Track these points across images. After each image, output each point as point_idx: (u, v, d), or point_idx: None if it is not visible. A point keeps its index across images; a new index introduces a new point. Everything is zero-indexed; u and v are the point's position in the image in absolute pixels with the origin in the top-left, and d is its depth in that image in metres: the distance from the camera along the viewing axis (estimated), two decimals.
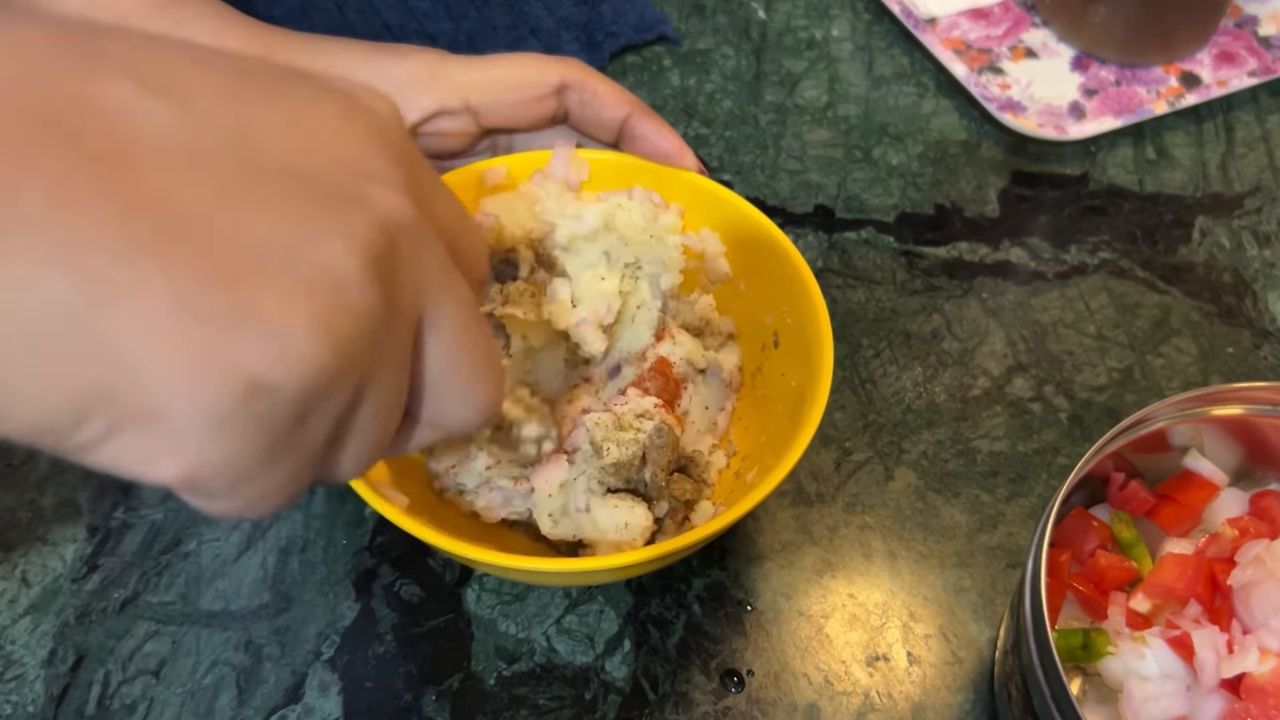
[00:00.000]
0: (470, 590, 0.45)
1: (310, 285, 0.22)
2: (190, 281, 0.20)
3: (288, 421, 0.22)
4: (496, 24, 0.67)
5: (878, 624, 0.45)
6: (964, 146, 0.63)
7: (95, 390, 0.21)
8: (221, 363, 0.21)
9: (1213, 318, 0.55)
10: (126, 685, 0.42)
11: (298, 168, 0.23)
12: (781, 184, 0.61)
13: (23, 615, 0.44)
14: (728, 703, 0.43)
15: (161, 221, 0.20)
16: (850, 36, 0.69)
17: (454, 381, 0.27)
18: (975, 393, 0.52)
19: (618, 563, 0.37)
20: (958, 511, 0.48)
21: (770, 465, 0.40)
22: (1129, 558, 0.41)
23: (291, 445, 0.23)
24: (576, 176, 0.46)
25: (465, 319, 0.26)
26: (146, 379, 0.21)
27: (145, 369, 0.20)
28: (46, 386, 0.20)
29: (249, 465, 0.22)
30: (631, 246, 0.46)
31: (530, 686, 0.43)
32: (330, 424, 0.24)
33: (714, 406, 0.47)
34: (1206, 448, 0.42)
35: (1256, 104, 0.65)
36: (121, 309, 0.20)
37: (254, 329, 0.21)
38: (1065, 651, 0.38)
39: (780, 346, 0.46)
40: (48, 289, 0.20)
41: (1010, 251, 0.58)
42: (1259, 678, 0.36)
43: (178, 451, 0.21)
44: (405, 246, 0.24)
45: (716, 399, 0.47)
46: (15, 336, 0.20)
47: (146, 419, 0.21)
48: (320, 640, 0.44)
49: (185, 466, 0.22)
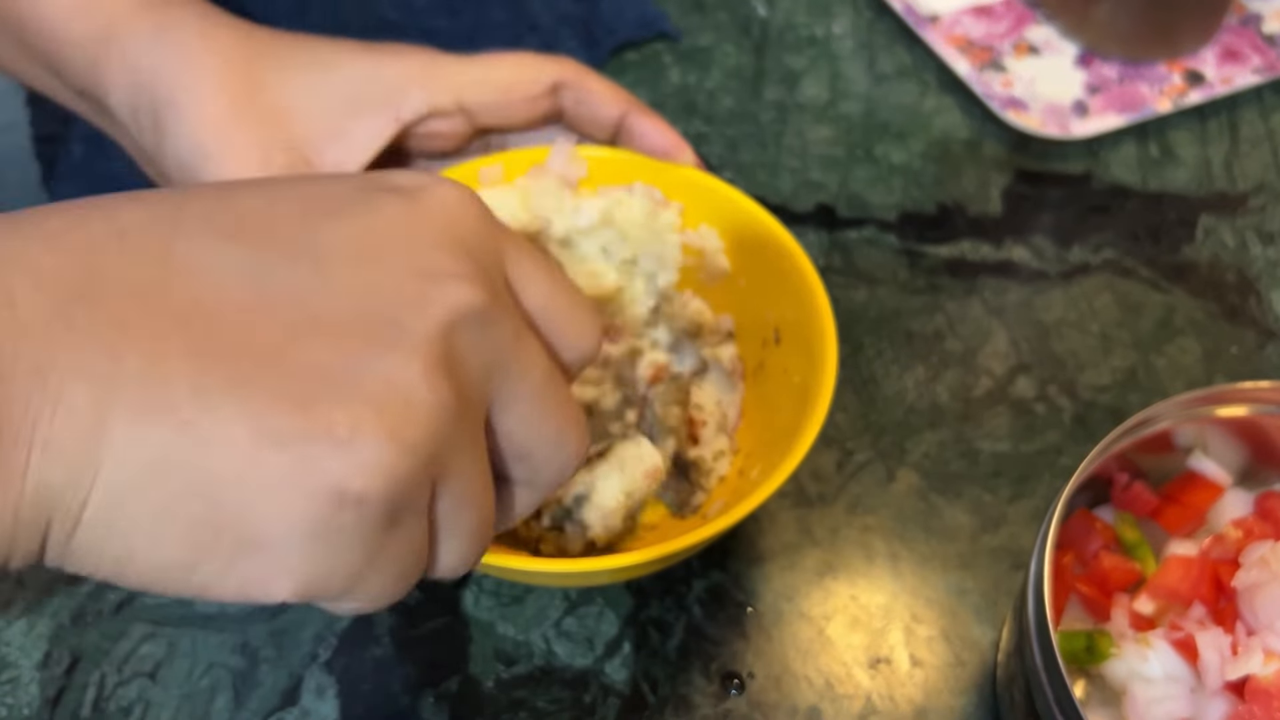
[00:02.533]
0: (469, 592, 0.45)
1: (376, 400, 0.23)
2: (266, 413, 0.23)
3: (379, 526, 0.24)
4: (495, 20, 0.67)
5: (880, 626, 0.44)
6: (966, 145, 0.62)
7: (204, 526, 0.23)
8: (305, 483, 0.23)
9: (1217, 317, 0.55)
10: (122, 688, 0.42)
11: (361, 285, 0.25)
12: (783, 182, 0.60)
13: (18, 617, 0.44)
14: (728, 705, 0.42)
15: (237, 364, 0.23)
16: (852, 33, 0.68)
17: (541, 442, 0.28)
18: (978, 393, 0.51)
19: (618, 564, 0.37)
20: (960, 513, 0.47)
21: (775, 463, 0.39)
22: (1133, 559, 0.41)
23: (390, 546, 0.25)
24: (575, 173, 0.46)
25: (540, 381, 0.27)
26: (241, 508, 0.23)
27: (238, 499, 0.23)
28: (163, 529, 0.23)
29: (355, 571, 0.24)
30: (630, 242, 0.46)
31: (529, 689, 0.43)
32: (421, 519, 0.25)
33: (726, 400, 0.47)
34: (1211, 448, 0.42)
35: (1261, 102, 0.65)
36: (211, 448, 0.22)
37: (328, 447, 0.23)
38: (1069, 654, 0.38)
39: (782, 342, 0.46)
40: (152, 440, 0.22)
41: (1013, 250, 0.57)
42: (1264, 680, 0.35)
43: (288, 572, 0.23)
44: (470, 335, 0.25)
45: (725, 391, 0.47)
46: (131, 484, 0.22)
47: (252, 547, 0.23)
48: (317, 643, 0.43)
49: (297, 583, 0.24)
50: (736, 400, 0.47)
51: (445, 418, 0.25)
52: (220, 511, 0.23)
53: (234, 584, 0.23)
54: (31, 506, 0.22)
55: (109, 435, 0.22)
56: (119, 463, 0.22)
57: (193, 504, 0.22)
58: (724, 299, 0.48)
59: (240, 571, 0.23)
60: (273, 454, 0.22)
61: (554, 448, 0.28)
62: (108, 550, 0.23)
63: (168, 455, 0.22)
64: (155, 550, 0.23)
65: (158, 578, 0.23)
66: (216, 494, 0.22)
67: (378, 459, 0.23)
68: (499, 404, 0.27)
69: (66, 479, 0.22)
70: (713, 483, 0.45)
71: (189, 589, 0.24)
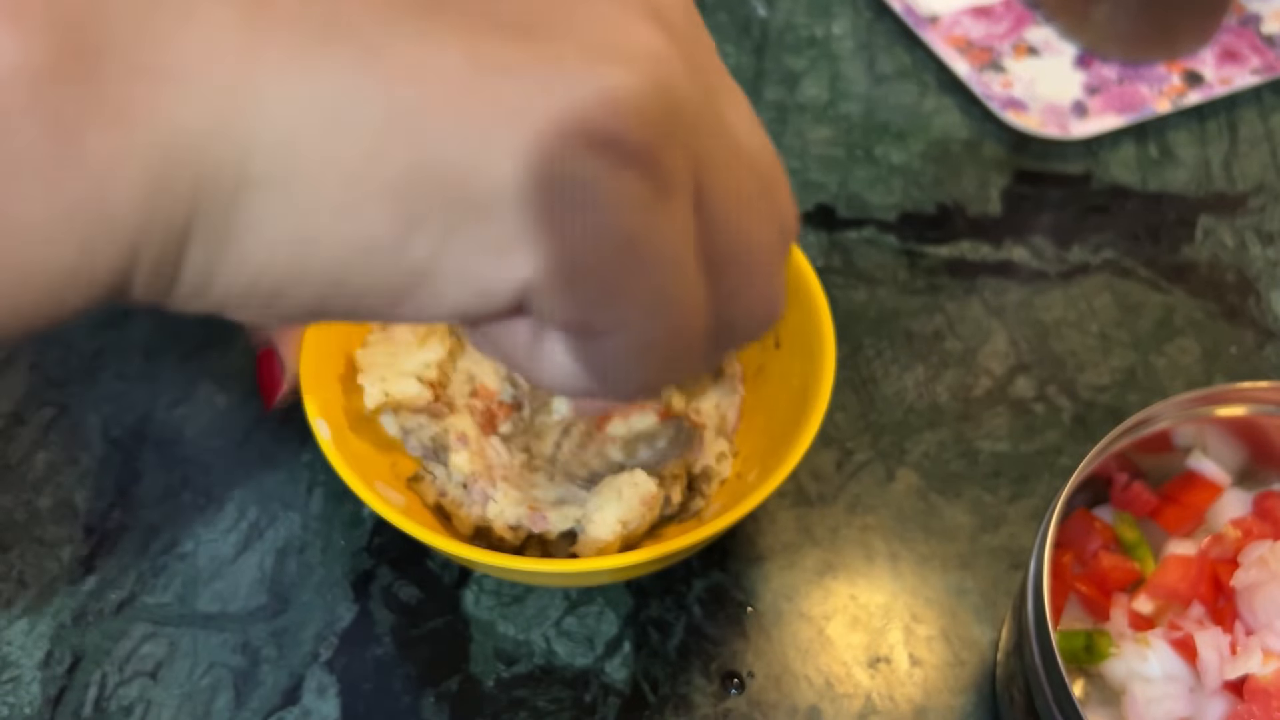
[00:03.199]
0: (469, 592, 0.45)
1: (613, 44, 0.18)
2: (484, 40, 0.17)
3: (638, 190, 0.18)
4: None
5: (879, 626, 0.44)
6: (966, 145, 0.62)
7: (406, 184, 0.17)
8: (536, 111, 0.17)
9: (1216, 317, 0.55)
10: (123, 687, 0.42)
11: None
12: None
13: (19, 617, 0.44)
14: (728, 705, 0.42)
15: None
16: (851, 34, 0.68)
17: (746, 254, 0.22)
18: (977, 393, 0.52)
19: (618, 563, 0.37)
20: (960, 512, 0.47)
21: (772, 466, 0.39)
22: (1132, 559, 0.41)
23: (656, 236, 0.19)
24: None
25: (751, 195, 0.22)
26: (457, 153, 0.17)
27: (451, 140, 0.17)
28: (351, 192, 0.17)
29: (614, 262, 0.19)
30: None
31: (529, 689, 0.43)
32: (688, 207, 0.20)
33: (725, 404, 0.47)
34: (1210, 448, 0.42)
35: (1260, 102, 0.65)
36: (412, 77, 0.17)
37: (565, 73, 0.18)
38: (1068, 653, 0.38)
39: (781, 346, 0.46)
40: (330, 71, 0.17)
41: (1013, 251, 0.57)
42: (1263, 679, 0.35)
43: (526, 236, 0.18)
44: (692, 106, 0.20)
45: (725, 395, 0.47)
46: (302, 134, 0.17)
47: (475, 209, 0.18)
48: (318, 642, 0.43)
49: (542, 254, 0.18)
50: (736, 403, 0.47)
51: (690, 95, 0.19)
52: (428, 159, 0.17)
53: (455, 265, 0.18)
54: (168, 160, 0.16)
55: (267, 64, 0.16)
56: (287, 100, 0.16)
57: (393, 151, 0.17)
58: None
59: (465, 244, 0.18)
60: (496, 79, 0.17)
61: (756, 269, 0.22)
62: (283, 230, 0.17)
63: (355, 90, 0.17)
64: (348, 222, 0.17)
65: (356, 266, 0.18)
66: (421, 136, 0.17)
67: (628, 91, 0.18)
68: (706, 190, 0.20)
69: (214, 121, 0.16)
70: (713, 488, 0.45)
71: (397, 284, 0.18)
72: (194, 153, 0.16)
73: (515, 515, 0.41)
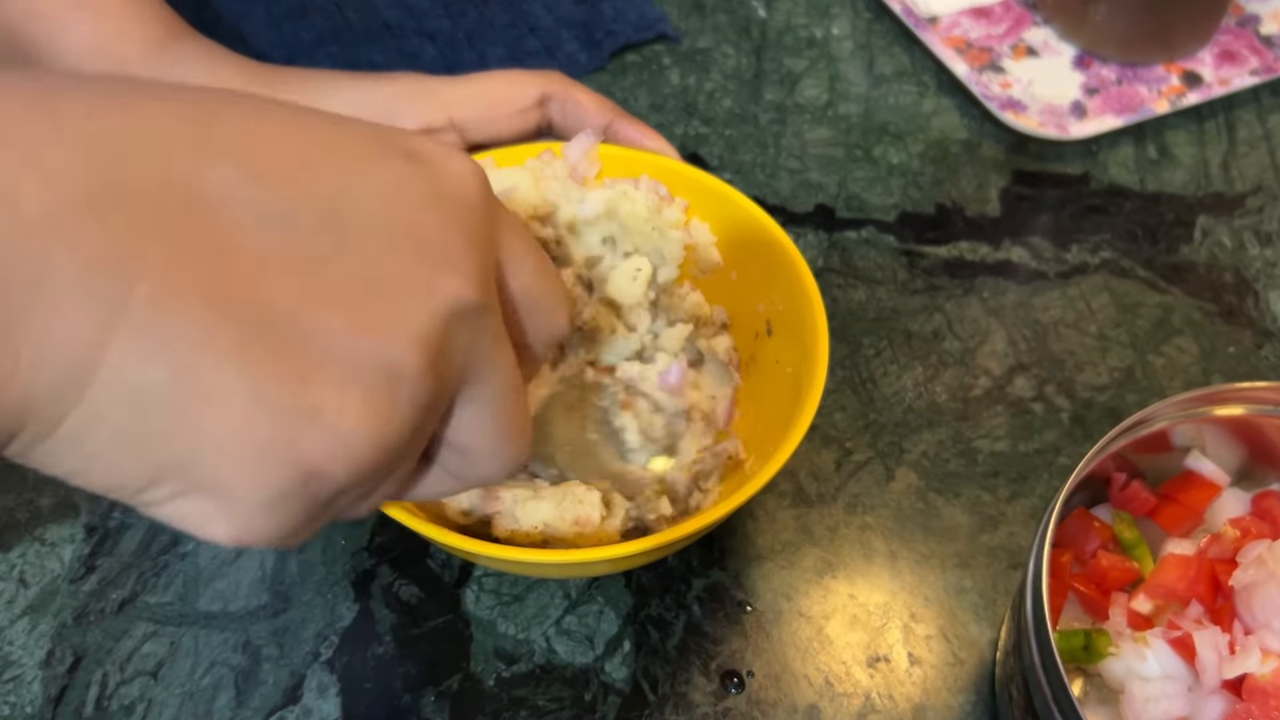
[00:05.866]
0: (469, 591, 0.45)
1: (367, 385, 0.24)
2: (267, 382, 0.23)
3: (331, 498, 0.25)
4: (495, 22, 0.67)
5: (878, 625, 0.44)
6: (965, 145, 0.63)
7: (171, 463, 0.23)
8: (284, 455, 0.23)
9: (1214, 317, 0.55)
10: (125, 686, 0.42)
11: (375, 256, 0.24)
12: (782, 183, 0.60)
13: (20, 616, 0.44)
14: (728, 704, 0.42)
15: (248, 323, 0.22)
16: (851, 35, 0.68)
17: (484, 444, 0.28)
18: (976, 392, 0.52)
19: (617, 553, 0.37)
20: (959, 512, 0.48)
21: (769, 453, 0.39)
22: (1130, 558, 0.41)
23: (328, 512, 0.26)
24: (586, 169, 0.46)
25: (503, 387, 0.28)
26: (218, 463, 0.23)
27: (218, 454, 0.23)
28: (130, 455, 0.23)
29: (292, 532, 0.25)
30: (631, 235, 0.46)
31: (530, 687, 0.43)
32: (364, 493, 0.26)
33: (720, 393, 0.47)
34: (1208, 448, 0.42)
35: (1258, 103, 0.65)
36: (206, 402, 0.22)
37: (316, 427, 0.23)
38: (1066, 652, 0.38)
39: (774, 334, 0.46)
40: (147, 377, 0.22)
41: (1011, 251, 0.57)
42: (1261, 679, 0.35)
43: (233, 520, 0.24)
44: (461, 333, 0.26)
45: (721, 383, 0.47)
46: (114, 410, 0.22)
47: (210, 491, 0.23)
48: (319, 641, 0.43)
49: (236, 532, 0.24)
50: (730, 392, 0.47)
51: (421, 416, 0.25)
52: (194, 456, 0.23)
53: (175, 511, 0.24)
54: (10, 414, 0.21)
55: (105, 361, 0.21)
56: (108, 390, 0.22)
57: (169, 443, 0.22)
58: (716, 292, 0.48)
59: (187, 505, 0.24)
60: (263, 421, 0.23)
61: (492, 453, 0.29)
62: (69, 462, 0.23)
63: (159, 395, 0.22)
64: (115, 472, 0.23)
65: (104, 488, 0.24)
66: (196, 442, 0.22)
67: (351, 448, 0.24)
68: (463, 398, 0.27)
69: (52, 395, 0.21)
70: (711, 484, 0.45)
71: (127, 500, 0.24)
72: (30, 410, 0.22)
73: (469, 500, 0.42)
